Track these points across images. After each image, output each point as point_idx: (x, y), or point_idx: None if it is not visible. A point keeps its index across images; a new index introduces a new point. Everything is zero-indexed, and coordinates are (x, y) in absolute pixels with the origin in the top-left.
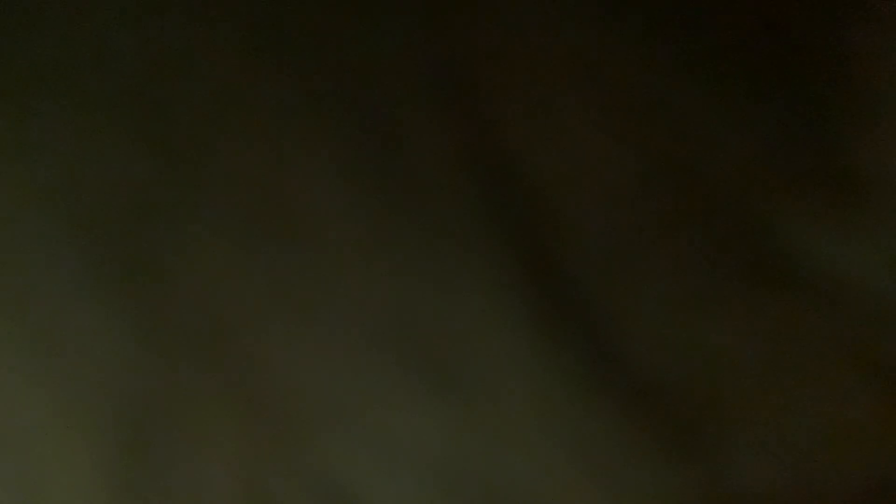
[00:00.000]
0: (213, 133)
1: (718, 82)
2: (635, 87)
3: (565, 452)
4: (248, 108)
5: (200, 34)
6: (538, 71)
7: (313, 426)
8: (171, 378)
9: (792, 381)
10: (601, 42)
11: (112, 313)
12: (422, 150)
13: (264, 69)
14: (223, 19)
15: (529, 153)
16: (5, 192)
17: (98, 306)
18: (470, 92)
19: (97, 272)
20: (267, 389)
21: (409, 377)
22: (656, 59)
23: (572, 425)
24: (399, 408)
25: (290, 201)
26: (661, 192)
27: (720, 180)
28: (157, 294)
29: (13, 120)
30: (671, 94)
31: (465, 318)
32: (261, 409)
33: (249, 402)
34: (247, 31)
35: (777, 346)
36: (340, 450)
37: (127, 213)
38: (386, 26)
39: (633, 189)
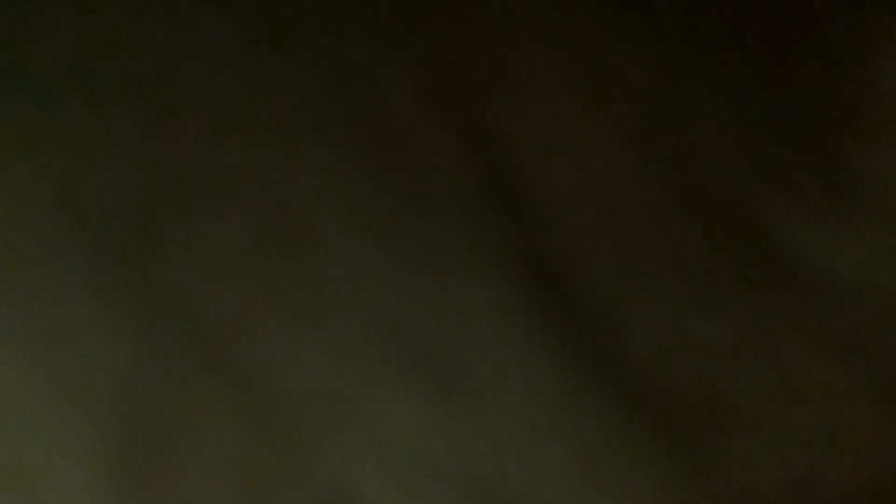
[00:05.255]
0: (215, 134)
1: (717, 84)
2: (635, 89)
3: (565, 453)
4: (248, 110)
5: (202, 37)
6: (538, 71)
7: (314, 427)
8: (171, 379)
9: (791, 381)
10: (601, 44)
11: (113, 314)
12: (422, 150)
13: (265, 71)
14: (224, 22)
15: (529, 153)
16: (7, 191)
17: (99, 307)
18: (470, 92)
19: (99, 273)
20: (267, 391)
21: (409, 378)
22: (656, 61)
23: (572, 426)
24: (399, 409)
25: (291, 203)
26: (660, 194)
27: (719, 181)
28: (158, 295)
29: (15, 120)
30: (671, 95)
31: (465, 320)
32: (261, 410)
33: (250, 404)
34: (247, 33)
35: (776, 346)
36: (341, 451)
37: (128, 213)
38: (386, 27)
39: (632, 189)
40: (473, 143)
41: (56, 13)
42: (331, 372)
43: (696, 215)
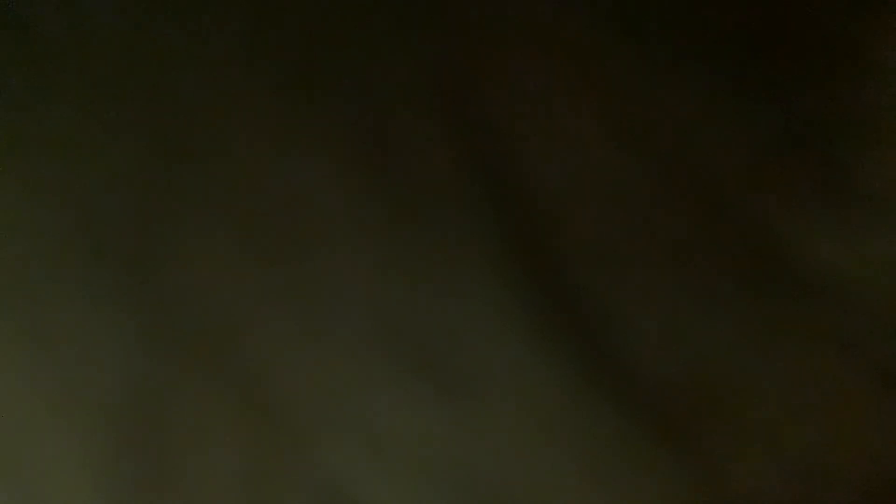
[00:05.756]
0: (215, 134)
1: (717, 84)
2: (635, 89)
3: (565, 453)
4: (248, 110)
5: (202, 36)
6: (538, 72)
7: (313, 427)
8: (171, 379)
9: (792, 381)
10: (601, 44)
11: (112, 314)
12: (422, 151)
13: (265, 71)
14: (224, 21)
15: (529, 154)
16: (7, 191)
17: (99, 307)
18: (470, 92)
19: (99, 273)
20: (267, 391)
21: (409, 378)
22: (657, 61)
23: (572, 427)
24: (399, 409)
25: (291, 202)
26: (660, 193)
27: (721, 181)
28: (158, 295)
29: (14, 119)
30: (672, 95)
31: (465, 321)
32: (261, 410)
33: (249, 404)
34: (247, 33)
35: (777, 346)
36: (341, 451)
37: (128, 213)
38: (386, 27)
39: (632, 189)
40: (473, 143)
41: (56, 13)
42: (330, 371)
43: (697, 216)
